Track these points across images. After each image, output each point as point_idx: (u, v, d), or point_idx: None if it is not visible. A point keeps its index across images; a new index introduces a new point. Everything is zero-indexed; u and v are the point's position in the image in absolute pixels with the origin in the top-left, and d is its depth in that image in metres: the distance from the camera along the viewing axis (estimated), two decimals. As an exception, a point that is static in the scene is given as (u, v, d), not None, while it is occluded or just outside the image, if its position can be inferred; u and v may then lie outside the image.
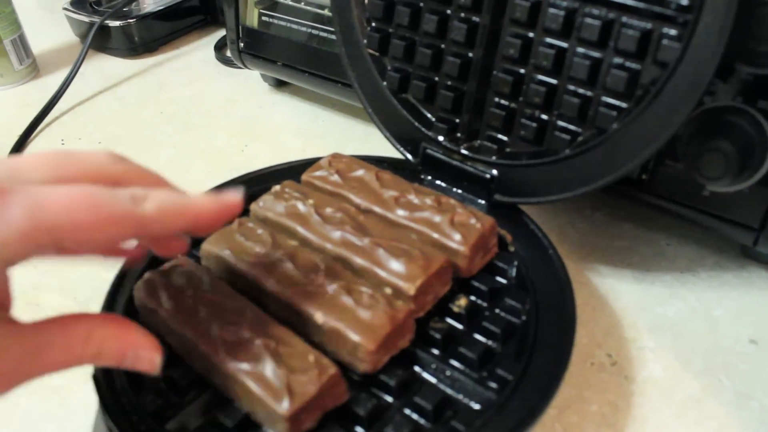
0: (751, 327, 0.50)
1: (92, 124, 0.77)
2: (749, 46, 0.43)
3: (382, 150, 0.57)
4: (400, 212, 0.46)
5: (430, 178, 0.53)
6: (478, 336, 0.42)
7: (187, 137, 0.74)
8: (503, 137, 0.50)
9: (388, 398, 0.38)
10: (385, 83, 0.54)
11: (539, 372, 0.39)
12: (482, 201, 0.50)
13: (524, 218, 0.49)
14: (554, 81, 0.46)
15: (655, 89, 0.42)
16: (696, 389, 0.46)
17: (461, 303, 0.43)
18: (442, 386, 0.39)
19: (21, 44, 0.83)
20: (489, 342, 0.41)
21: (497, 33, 0.48)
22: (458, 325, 0.42)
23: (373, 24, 0.54)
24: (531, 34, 0.47)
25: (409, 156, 0.54)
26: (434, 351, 0.41)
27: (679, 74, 0.41)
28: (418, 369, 0.40)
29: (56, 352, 0.31)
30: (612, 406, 0.45)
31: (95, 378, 0.39)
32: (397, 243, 0.43)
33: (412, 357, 0.40)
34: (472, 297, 0.44)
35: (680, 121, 0.42)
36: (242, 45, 0.73)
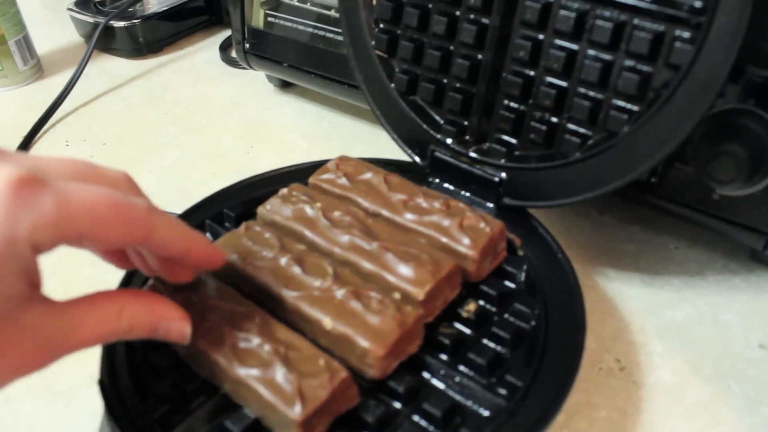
0: (761, 331, 0.50)
1: (97, 125, 0.76)
2: (762, 48, 0.42)
3: (389, 152, 0.57)
4: (409, 216, 0.46)
5: (438, 181, 0.52)
6: (488, 341, 0.41)
7: (192, 138, 0.73)
8: (512, 140, 0.49)
9: (397, 405, 0.38)
10: (393, 85, 0.54)
11: (549, 378, 0.38)
12: (491, 204, 0.50)
13: (533, 222, 0.49)
14: (564, 83, 0.46)
15: (668, 92, 0.41)
16: (705, 395, 0.45)
17: (470, 308, 0.43)
18: (451, 393, 0.39)
19: (25, 45, 0.83)
20: (498, 347, 0.41)
21: (507, 35, 0.48)
22: (467, 331, 0.42)
23: (381, 25, 0.53)
24: (541, 36, 0.46)
25: (417, 159, 0.54)
26: (443, 357, 0.40)
27: (692, 77, 0.40)
28: (427, 375, 0.40)
29: (90, 327, 0.32)
30: (621, 412, 0.44)
31: (101, 383, 0.39)
32: (406, 247, 0.43)
33: (421, 363, 0.40)
34: (481, 302, 0.44)
35: (692, 125, 0.41)
36: (248, 46, 0.73)
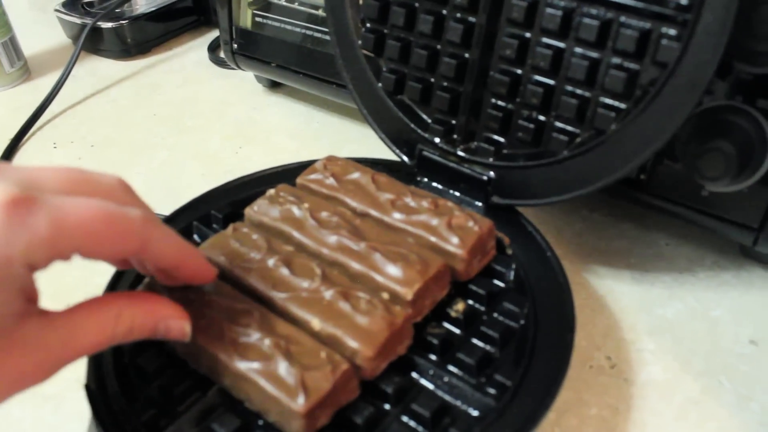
0: (751, 327, 0.50)
1: (85, 127, 0.76)
2: (749, 45, 0.42)
3: (378, 152, 0.56)
4: (397, 215, 0.46)
5: (427, 181, 0.52)
6: (477, 341, 0.41)
7: (181, 140, 0.73)
8: (500, 139, 0.49)
9: (386, 406, 0.38)
10: (381, 84, 0.53)
11: (538, 377, 0.38)
12: (479, 203, 0.50)
13: (522, 220, 0.49)
14: (552, 82, 0.46)
15: (655, 90, 0.41)
16: (696, 391, 0.45)
17: (459, 307, 0.42)
18: (440, 393, 0.39)
19: (12, 46, 0.82)
20: (487, 347, 0.41)
21: (494, 33, 0.48)
22: (456, 330, 0.42)
23: (368, 25, 0.53)
24: (528, 35, 0.46)
25: (405, 158, 0.54)
26: (432, 357, 0.40)
27: (679, 74, 0.40)
28: (416, 375, 0.40)
29: (89, 335, 0.32)
30: (611, 410, 0.44)
31: (87, 387, 0.38)
32: (394, 247, 0.42)
33: (410, 363, 0.40)
34: (470, 301, 0.43)
35: (680, 122, 0.41)
36: (236, 46, 0.73)
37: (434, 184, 0.52)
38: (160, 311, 0.35)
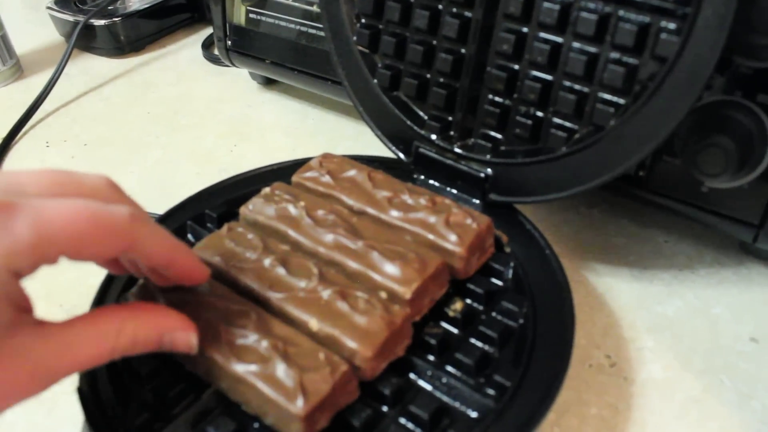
0: (752, 325, 0.49)
1: (78, 126, 0.75)
2: (749, 39, 0.42)
3: (374, 149, 0.56)
4: (394, 213, 0.45)
5: (423, 178, 0.51)
6: (475, 341, 0.40)
7: (175, 138, 0.72)
8: (498, 135, 0.49)
9: (384, 408, 0.37)
10: (376, 81, 0.53)
11: (538, 378, 0.38)
12: (477, 200, 0.49)
13: (520, 218, 0.48)
14: (549, 77, 0.45)
15: (654, 85, 0.41)
16: (697, 390, 0.45)
17: (457, 307, 0.42)
18: (438, 394, 0.38)
19: (4, 44, 0.82)
20: (486, 347, 0.40)
21: (490, 28, 0.47)
22: (454, 330, 0.41)
23: (363, 20, 0.52)
24: (525, 29, 0.46)
25: (402, 155, 0.53)
26: (430, 357, 0.40)
27: (679, 69, 0.40)
28: (414, 376, 0.39)
29: (87, 348, 0.32)
30: (612, 409, 0.44)
31: (80, 391, 0.38)
32: (392, 245, 0.42)
33: (408, 364, 0.39)
34: (468, 300, 0.43)
35: (680, 118, 0.41)
36: (229, 43, 0.72)
37: (431, 182, 0.51)
38: (166, 323, 0.35)
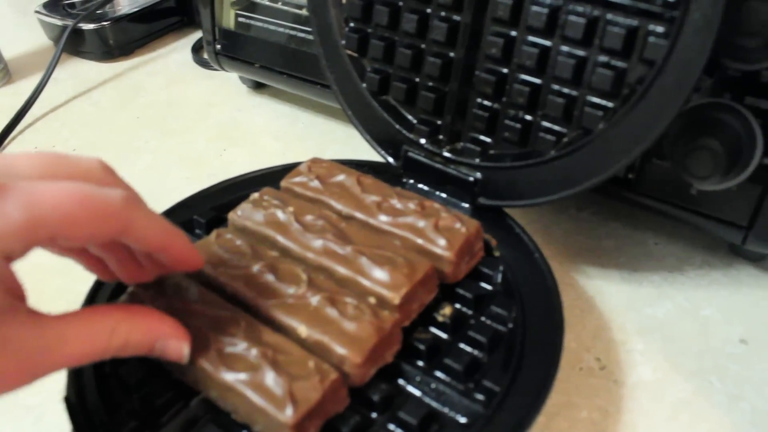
0: (741, 326, 0.49)
1: (67, 131, 0.75)
2: (736, 42, 0.42)
3: (364, 152, 0.56)
4: (383, 218, 0.45)
5: (413, 182, 0.51)
6: (464, 346, 0.40)
7: (165, 143, 0.72)
8: (487, 139, 0.49)
9: (373, 414, 0.37)
10: (365, 85, 0.53)
11: (527, 382, 0.38)
12: (466, 204, 0.49)
13: (509, 221, 0.48)
14: (538, 80, 0.45)
15: (642, 88, 0.41)
16: (687, 392, 0.45)
17: (446, 312, 0.42)
18: (428, 399, 0.38)
19: (-8, 49, 0.81)
20: (475, 352, 0.40)
21: (479, 32, 0.47)
22: (443, 335, 0.41)
23: (352, 24, 0.52)
24: (513, 33, 0.46)
25: (391, 159, 0.53)
26: (419, 363, 0.39)
27: (667, 72, 0.40)
28: (403, 382, 0.39)
29: (79, 345, 0.31)
30: (602, 412, 0.44)
31: (67, 400, 0.37)
32: (381, 250, 0.42)
33: (397, 370, 0.39)
34: (457, 305, 0.43)
35: (668, 121, 0.41)
36: (219, 47, 0.72)
37: (420, 186, 0.51)
38: (160, 329, 0.34)
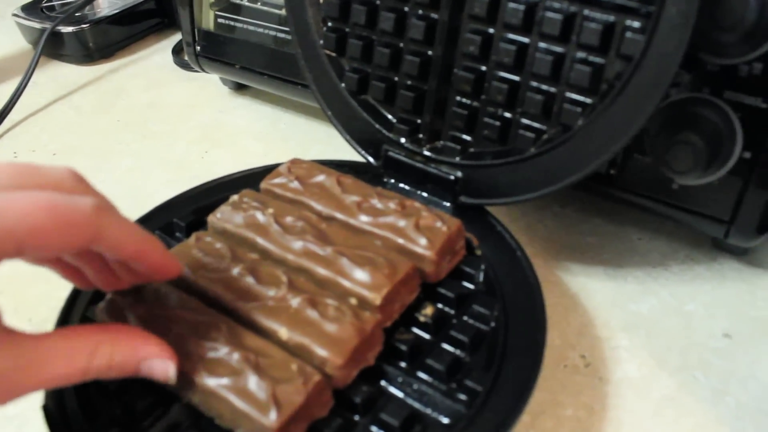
0: (725, 321, 0.49)
1: (47, 135, 0.74)
2: (714, 36, 0.42)
3: (346, 152, 0.55)
4: (364, 218, 0.45)
5: (393, 182, 0.51)
6: (446, 346, 0.40)
7: (146, 145, 0.71)
8: (467, 137, 0.49)
9: (355, 416, 0.37)
10: (344, 84, 0.52)
11: (510, 382, 0.37)
12: (447, 203, 0.49)
13: (491, 219, 0.48)
14: (516, 78, 0.45)
15: (620, 83, 0.41)
16: (672, 387, 0.45)
17: (427, 312, 0.41)
18: (410, 401, 0.38)
19: (-30, 54, 0.80)
20: (457, 351, 0.40)
21: (456, 30, 0.47)
22: (425, 335, 0.41)
23: (329, 23, 0.52)
24: (491, 30, 0.45)
25: (371, 159, 0.53)
26: (401, 364, 0.39)
27: (644, 67, 0.40)
28: (385, 383, 0.39)
29: (58, 366, 0.31)
30: (587, 409, 0.44)
31: (45, 408, 0.37)
32: (361, 251, 0.41)
33: (378, 371, 0.39)
34: (439, 304, 0.42)
35: (647, 116, 0.41)
36: (199, 48, 0.71)
37: (401, 185, 0.51)
38: (144, 350, 0.34)
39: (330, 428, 0.35)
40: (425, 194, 0.50)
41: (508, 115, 0.46)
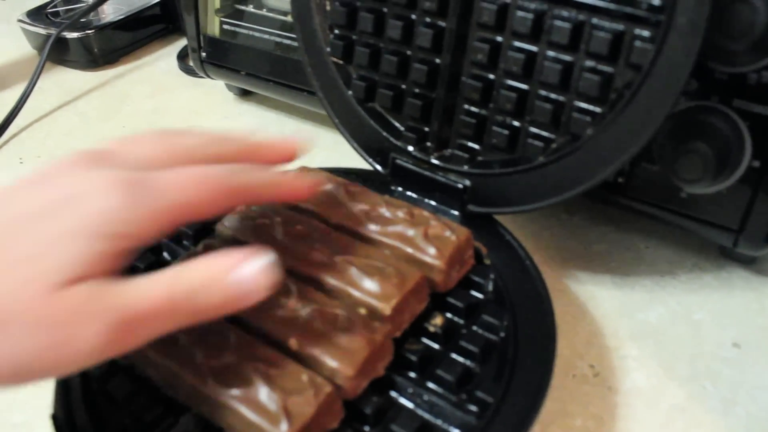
0: (733, 330, 0.49)
1: (52, 141, 0.74)
2: (723, 45, 0.42)
3: (351, 159, 0.55)
4: (372, 227, 0.44)
5: (401, 190, 0.51)
6: (456, 356, 0.40)
7: (151, 152, 0.71)
8: (475, 145, 0.48)
9: (365, 427, 0.36)
10: (351, 92, 0.52)
11: (520, 393, 0.37)
12: (455, 212, 0.49)
13: (499, 228, 0.48)
14: (525, 86, 0.45)
15: (630, 92, 0.41)
16: (681, 397, 0.45)
17: (437, 321, 0.41)
18: (420, 412, 0.37)
19: (-26, 60, 0.80)
20: (467, 362, 0.39)
21: (464, 38, 0.47)
22: (435, 345, 0.41)
23: (336, 31, 0.52)
24: (499, 38, 0.45)
25: (379, 167, 0.53)
26: (411, 374, 0.39)
27: (654, 76, 0.40)
28: (395, 394, 0.38)
29: (151, 295, 0.32)
30: (596, 420, 0.44)
31: (54, 417, 0.37)
32: (370, 260, 0.41)
33: (388, 381, 0.38)
34: (448, 314, 0.42)
35: (657, 125, 0.40)
36: (204, 55, 0.71)
37: (409, 193, 0.51)
38: (223, 262, 0.33)
39: (340, 440, 0.35)
40: (433, 202, 0.50)
41: (517, 124, 0.46)
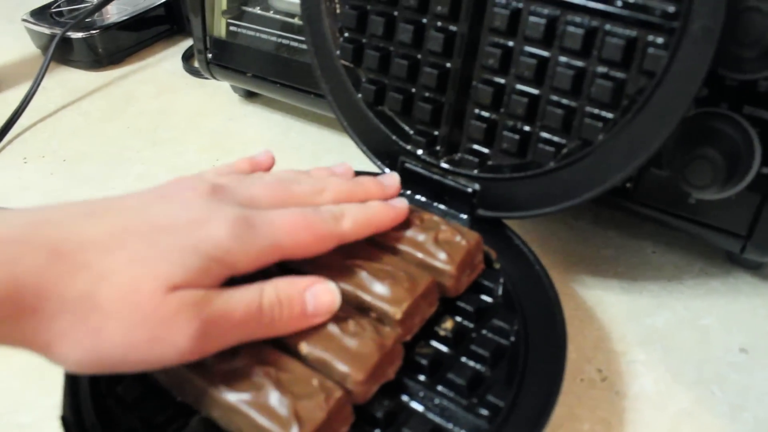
0: (741, 335, 0.49)
1: (56, 141, 0.74)
2: (734, 52, 0.42)
3: (359, 162, 0.55)
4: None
5: (410, 194, 0.51)
6: (467, 360, 0.40)
7: (156, 152, 0.71)
8: (485, 150, 0.48)
9: (376, 431, 0.36)
10: (360, 95, 0.52)
11: (531, 396, 0.37)
12: (464, 216, 0.49)
13: (508, 233, 0.48)
14: (536, 91, 0.45)
15: (642, 99, 0.41)
16: (688, 402, 0.45)
17: (447, 325, 0.41)
18: (431, 415, 0.37)
19: (-21, 59, 0.80)
20: (478, 366, 0.40)
21: (476, 42, 0.47)
22: (445, 349, 0.41)
23: (346, 34, 0.52)
24: (511, 43, 0.45)
25: (387, 170, 0.52)
26: (421, 378, 0.39)
27: (667, 83, 0.40)
28: (406, 398, 0.38)
29: (240, 309, 0.35)
30: (604, 424, 0.44)
31: (63, 419, 0.37)
32: (381, 265, 0.41)
33: (399, 385, 0.39)
34: (459, 318, 0.42)
35: (669, 132, 0.40)
36: (210, 56, 0.71)
37: (418, 197, 0.51)
38: (301, 281, 0.37)
39: (352, 444, 0.35)
40: (442, 206, 0.50)
41: (528, 129, 0.46)
